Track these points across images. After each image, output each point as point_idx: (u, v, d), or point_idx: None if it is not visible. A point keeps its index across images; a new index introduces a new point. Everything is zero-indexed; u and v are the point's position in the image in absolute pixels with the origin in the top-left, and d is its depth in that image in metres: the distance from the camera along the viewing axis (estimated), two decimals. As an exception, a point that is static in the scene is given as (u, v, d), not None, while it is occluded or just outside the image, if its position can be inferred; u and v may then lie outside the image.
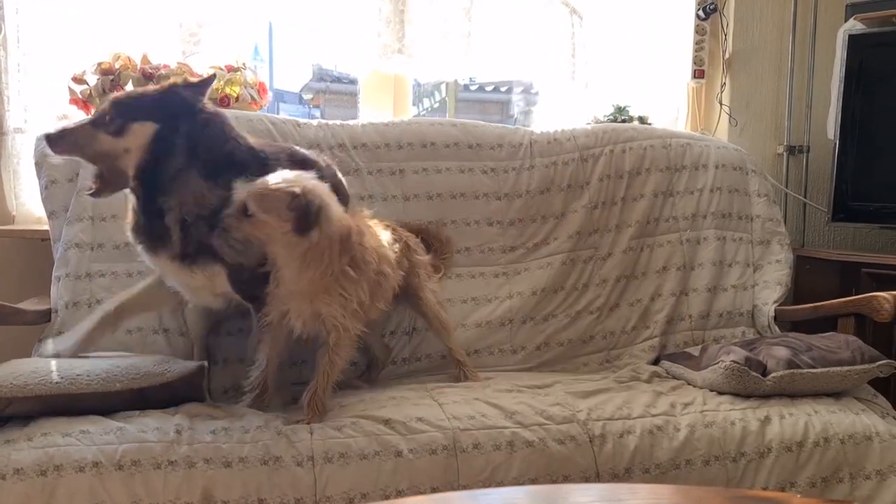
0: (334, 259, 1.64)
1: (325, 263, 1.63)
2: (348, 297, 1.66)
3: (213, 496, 1.46)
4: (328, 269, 1.64)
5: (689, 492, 0.91)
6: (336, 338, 1.69)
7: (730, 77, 2.78)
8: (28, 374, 1.57)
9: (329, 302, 1.65)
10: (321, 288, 1.65)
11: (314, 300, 1.66)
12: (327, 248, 1.63)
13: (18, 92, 2.36)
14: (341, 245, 1.65)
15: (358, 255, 1.69)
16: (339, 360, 1.71)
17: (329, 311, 1.66)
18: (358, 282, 1.68)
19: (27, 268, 2.37)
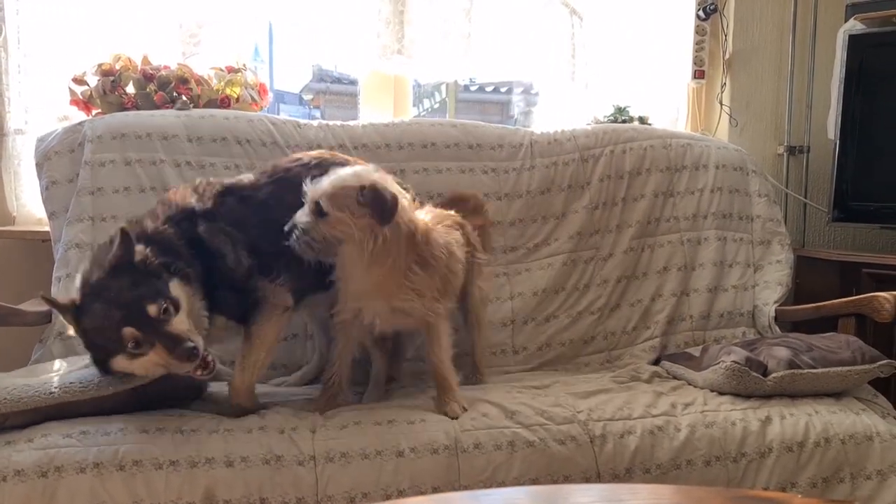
0: (401, 257, 1.64)
1: (391, 259, 1.63)
2: (422, 290, 1.68)
3: (214, 496, 1.46)
4: (395, 265, 1.64)
5: (690, 492, 0.91)
6: (434, 322, 1.71)
7: (730, 77, 2.79)
8: (21, 388, 1.54)
9: (405, 298, 1.67)
10: (393, 285, 1.66)
11: (390, 298, 1.67)
12: (395, 244, 1.63)
13: (19, 93, 2.37)
14: (407, 242, 1.65)
15: (426, 253, 1.69)
16: (446, 344, 1.74)
17: (410, 305, 1.67)
18: (425, 280, 1.68)
19: (28, 268, 2.37)
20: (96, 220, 2.06)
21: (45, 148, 2.13)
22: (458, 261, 1.82)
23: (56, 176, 2.10)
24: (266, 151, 2.24)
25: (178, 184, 2.12)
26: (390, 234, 1.61)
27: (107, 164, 2.10)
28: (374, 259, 1.62)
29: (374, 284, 1.66)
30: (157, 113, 2.22)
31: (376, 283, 1.66)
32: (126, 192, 2.09)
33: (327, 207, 1.58)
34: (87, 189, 2.07)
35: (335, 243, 1.61)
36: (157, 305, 1.47)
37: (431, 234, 1.72)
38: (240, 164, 2.20)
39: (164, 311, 1.47)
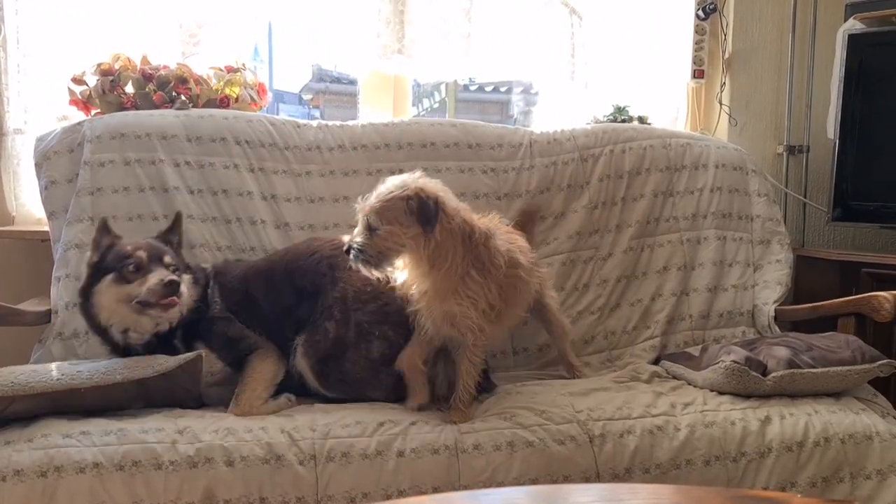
0: (458, 259, 1.66)
1: (448, 262, 1.65)
2: (476, 298, 1.68)
3: (214, 495, 1.47)
4: (452, 268, 1.66)
5: (690, 492, 0.91)
6: (473, 339, 1.71)
7: (729, 77, 2.78)
8: (28, 374, 1.57)
9: (459, 303, 1.67)
10: (449, 288, 1.67)
11: (443, 301, 1.68)
12: (451, 247, 1.65)
13: (18, 93, 2.37)
14: (464, 245, 1.66)
15: (484, 257, 1.69)
16: (477, 361, 1.74)
17: (461, 310, 1.67)
18: (484, 284, 1.69)
19: (27, 269, 2.37)
20: (96, 220, 2.04)
21: (45, 148, 2.13)
22: (523, 269, 1.82)
23: (55, 176, 2.10)
24: (265, 152, 2.24)
25: (177, 183, 2.13)
26: (443, 237, 1.63)
27: (106, 164, 2.10)
28: (431, 263, 1.66)
29: (432, 287, 1.68)
30: (157, 113, 2.22)
31: (434, 286, 1.68)
32: (125, 192, 2.09)
33: (376, 223, 1.63)
34: (86, 189, 2.07)
35: (391, 255, 1.66)
36: (171, 257, 1.80)
37: (491, 241, 1.72)
38: (239, 164, 2.20)
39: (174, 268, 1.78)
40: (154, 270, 1.74)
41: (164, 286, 1.70)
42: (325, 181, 2.26)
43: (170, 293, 1.71)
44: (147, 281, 1.72)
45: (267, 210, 2.20)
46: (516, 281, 1.79)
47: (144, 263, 1.75)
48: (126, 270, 1.74)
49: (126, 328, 1.77)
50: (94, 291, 1.76)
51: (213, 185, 2.17)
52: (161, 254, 1.80)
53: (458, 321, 1.69)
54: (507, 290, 1.75)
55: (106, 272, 1.76)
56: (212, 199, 2.16)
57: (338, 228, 2.23)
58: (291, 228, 2.21)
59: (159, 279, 1.71)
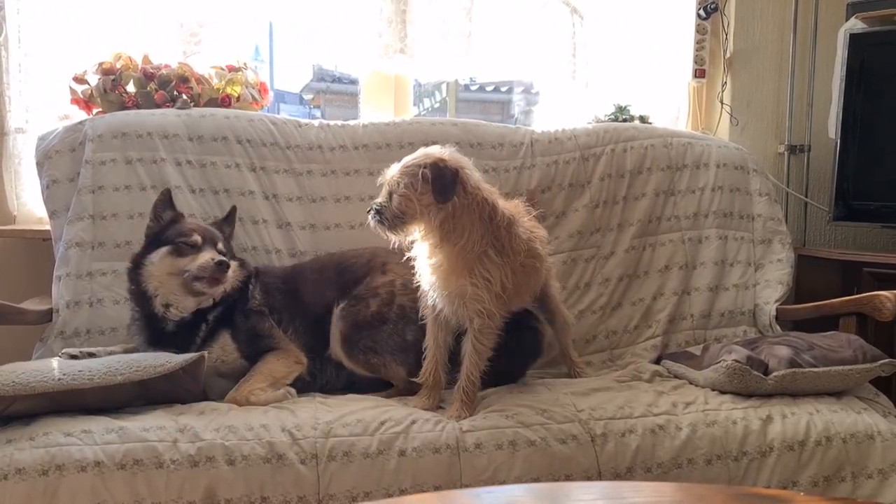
0: (475, 236, 1.65)
1: (465, 238, 1.65)
2: (492, 279, 1.67)
3: (215, 494, 1.46)
4: (469, 244, 1.65)
5: (692, 489, 0.91)
6: (480, 324, 1.70)
7: (731, 76, 2.78)
8: (30, 373, 1.56)
9: (473, 283, 1.66)
10: (464, 265, 1.66)
11: (458, 277, 1.67)
12: (468, 223, 1.65)
13: (20, 92, 2.37)
14: (482, 223, 1.66)
15: (504, 240, 1.69)
16: (483, 349, 1.72)
17: (473, 291, 1.67)
18: (502, 267, 1.68)
19: (28, 267, 2.37)
20: (97, 219, 2.06)
21: (46, 147, 2.13)
22: (539, 259, 1.82)
23: (57, 175, 2.10)
24: (266, 151, 2.24)
25: (179, 182, 2.13)
26: (461, 211, 1.65)
27: (107, 163, 2.10)
28: (444, 235, 1.67)
29: (446, 261, 1.68)
30: (158, 112, 2.22)
31: (448, 260, 1.68)
32: (127, 191, 2.09)
33: (394, 187, 1.67)
34: (87, 188, 2.07)
35: (406, 219, 1.68)
36: (222, 244, 1.93)
37: (514, 226, 1.72)
38: (240, 163, 2.20)
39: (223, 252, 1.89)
40: (206, 250, 1.86)
41: (215, 265, 1.82)
42: (326, 181, 2.26)
43: (219, 272, 1.82)
44: (199, 258, 1.83)
45: (269, 209, 2.20)
46: (530, 269, 1.79)
47: (199, 244, 1.87)
48: (183, 246, 1.85)
49: (168, 303, 1.84)
50: (146, 261, 1.87)
51: (214, 184, 2.17)
52: (215, 239, 1.92)
53: (468, 302, 1.68)
54: (519, 277, 1.75)
55: (162, 244, 1.87)
56: (213, 199, 2.16)
57: (339, 229, 2.24)
58: (293, 228, 2.21)
59: (210, 257, 1.83)
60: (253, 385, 1.77)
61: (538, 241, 1.84)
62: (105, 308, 2.00)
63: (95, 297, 2.00)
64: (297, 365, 1.87)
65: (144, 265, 1.86)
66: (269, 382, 1.79)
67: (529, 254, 1.77)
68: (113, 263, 2.02)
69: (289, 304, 1.96)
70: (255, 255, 2.15)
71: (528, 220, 1.84)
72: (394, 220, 1.68)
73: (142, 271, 1.86)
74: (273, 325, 1.92)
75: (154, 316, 1.85)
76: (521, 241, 1.73)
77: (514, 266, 1.72)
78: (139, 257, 1.88)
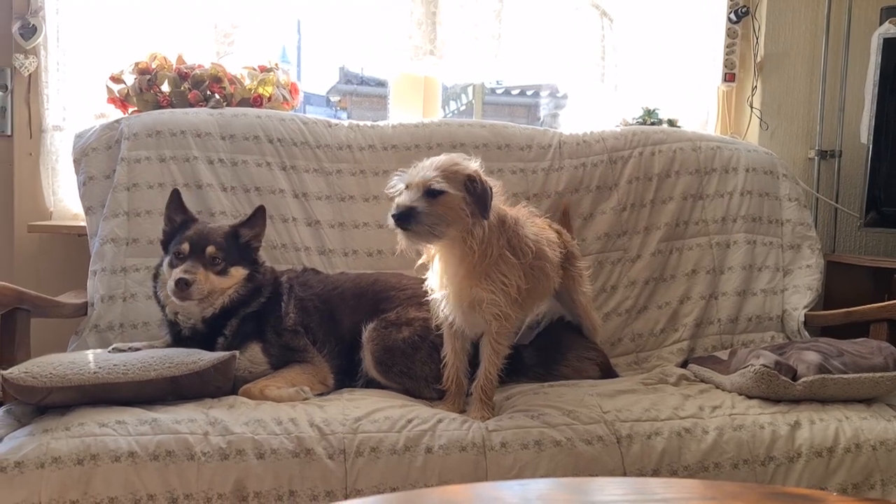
0: (493, 241, 1.65)
1: (485, 245, 1.64)
2: (508, 282, 1.67)
3: (245, 487, 1.49)
4: (487, 251, 1.65)
5: (724, 486, 0.91)
6: (498, 326, 1.71)
7: (761, 80, 2.77)
8: (66, 365, 1.60)
9: (491, 289, 1.67)
10: (481, 272, 1.67)
11: (474, 285, 1.67)
12: (490, 232, 1.65)
13: (58, 91, 2.42)
14: (497, 229, 1.67)
15: (514, 242, 1.70)
16: (501, 349, 1.74)
17: (490, 297, 1.67)
18: (516, 267, 1.68)
19: (65, 262, 2.42)
20: (131, 216, 2.10)
21: (83, 144, 2.17)
22: (548, 261, 1.81)
23: (93, 172, 2.15)
24: (297, 150, 2.27)
25: (211, 181, 2.16)
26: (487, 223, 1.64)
27: (142, 161, 2.14)
28: (468, 245, 1.64)
29: (466, 270, 1.67)
30: (192, 111, 2.26)
31: (468, 269, 1.67)
32: (160, 188, 2.13)
33: (443, 186, 1.59)
34: (123, 185, 2.11)
35: (446, 224, 1.61)
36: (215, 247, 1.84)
37: (520, 228, 1.73)
38: (271, 161, 2.23)
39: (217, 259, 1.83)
40: (188, 262, 1.81)
41: (174, 283, 1.77)
42: (355, 180, 2.28)
43: (178, 291, 1.77)
44: (172, 273, 1.81)
45: (298, 208, 2.23)
46: (539, 271, 1.79)
47: (186, 254, 1.83)
48: (174, 257, 1.84)
49: (176, 311, 1.85)
50: (161, 269, 1.88)
51: (245, 182, 2.20)
52: (205, 244, 1.84)
53: (484, 308, 1.68)
54: (530, 280, 1.75)
55: (168, 252, 1.87)
56: (244, 197, 2.19)
57: (367, 227, 2.26)
58: (322, 226, 2.24)
59: (174, 276, 1.78)
60: (269, 382, 1.78)
61: (547, 245, 1.83)
62: (138, 303, 2.04)
63: (129, 292, 2.04)
64: (321, 385, 1.85)
65: (160, 273, 1.88)
66: (287, 384, 1.79)
67: (538, 256, 1.77)
68: (146, 260, 2.05)
69: (325, 325, 1.95)
70: (285, 252, 2.18)
71: (533, 223, 1.84)
72: (433, 226, 1.60)
73: (158, 280, 1.88)
74: (308, 343, 1.90)
75: (171, 321, 1.88)
76: (530, 243, 1.73)
77: (525, 268, 1.72)
78: (160, 261, 1.90)
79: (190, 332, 1.86)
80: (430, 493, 0.99)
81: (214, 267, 1.83)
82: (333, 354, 1.91)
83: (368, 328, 1.91)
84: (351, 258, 2.24)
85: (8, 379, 1.54)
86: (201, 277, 1.79)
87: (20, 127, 2.44)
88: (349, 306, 1.97)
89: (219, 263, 1.84)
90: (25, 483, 1.42)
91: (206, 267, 1.82)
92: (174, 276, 1.78)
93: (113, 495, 1.45)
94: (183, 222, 1.90)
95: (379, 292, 1.99)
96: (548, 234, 1.88)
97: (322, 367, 1.88)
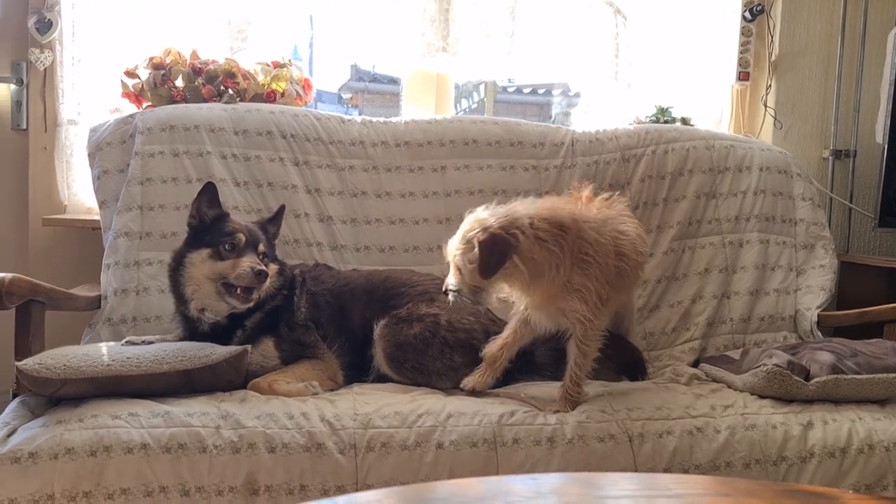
0: (555, 262, 1.65)
1: (548, 272, 1.66)
2: (585, 292, 1.68)
3: (256, 481, 1.49)
4: (554, 275, 1.66)
5: (739, 483, 0.90)
6: (582, 331, 1.71)
7: (775, 79, 2.75)
8: (80, 357, 1.61)
9: (568, 298, 1.68)
10: (555, 293, 1.68)
11: (555, 300, 1.69)
12: (545, 257, 1.65)
13: (72, 85, 2.43)
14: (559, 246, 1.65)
15: (583, 248, 1.68)
16: (589, 350, 1.74)
17: (571, 305, 1.68)
18: (591, 276, 1.68)
19: (78, 255, 2.43)
20: (145, 210, 2.11)
21: (98, 139, 2.19)
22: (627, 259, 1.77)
23: (107, 166, 2.16)
24: (310, 146, 2.27)
25: (224, 175, 2.17)
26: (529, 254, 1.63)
27: (156, 155, 2.15)
28: (533, 280, 1.67)
29: (539, 295, 1.70)
30: (205, 106, 2.27)
31: (540, 294, 1.70)
32: (174, 183, 2.14)
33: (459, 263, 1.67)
34: (136, 179, 2.12)
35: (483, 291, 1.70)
36: (264, 245, 1.88)
37: (586, 232, 1.70)
38: (284, 157, 2.24)
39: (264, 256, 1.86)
40: (247, 255, 1.81)
41: (254, 274, 1.77)
42: (368, 176, 2.29)
43: (258, 282, 1.78)
44: (240, 265, 1.79)
45: (311, 203, 2.24)
46: (623, 273, 1.76)
47: (241, 247, 1.83)
48: (223, 248, 1.82)
49: (203, 307, 1.84)
50: (186, 260, 1.84)
51: (258, 177, 2.21)
52: (257, 241, 1.88)
53: (568, 314, 1.70)
54: (613, 281, 1.73)
55: (204, 245, 1.83)
56: (257, 192, 2.20)
57: (379, 223, 2.26)
58: (335, 222, 2.24)
59: (251, 266, 1.78)
60: (278, 376, 1.78)
61: (627, 241, 1.79)
62: (150, 297, 2.05)
63: (142, 286, 2.05)
64: (330, 381, 1.85)
65: (185, 265, 1.83)
66: (295, 380, 1.78)
67: (618, 256, 1.74)
68: (159, 253, 2.06)
69: (336, 320, 1.95)
70: (297, 247, 2.18)
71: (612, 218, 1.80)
72: (471, 295, 1.69)
73: (182, 272, 1.83)
74: (318, 339, 1.91)
75: (190, 317, 1.87)
76: (602, 245, 1.70)
77: (606, 268, 1.70)
78: (180, 255, 1.85)
79: (210, 328, 1.85)
80: (441, 486, 0.99)
81: (263, 262, 1.85)
82: (343, 350, 1.92)
83: (380, 325, 1.91)
84: (363, 254, 2.24)
85: (22, 370, 1.55)
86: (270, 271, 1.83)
87: (35, 121, 2.46)
88: (360, 302, 1.98)
89: (265, 259, 1.86)
90: (39, 473, 1.43)
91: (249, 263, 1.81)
92: (246, 267, 1.77)
93: (125, 487, 1.46)
94: (217, 217, 1.89)
95: (390, 289, 1.99)
96: (627, 230, 1.83)
97: (332, 363, 1.89)
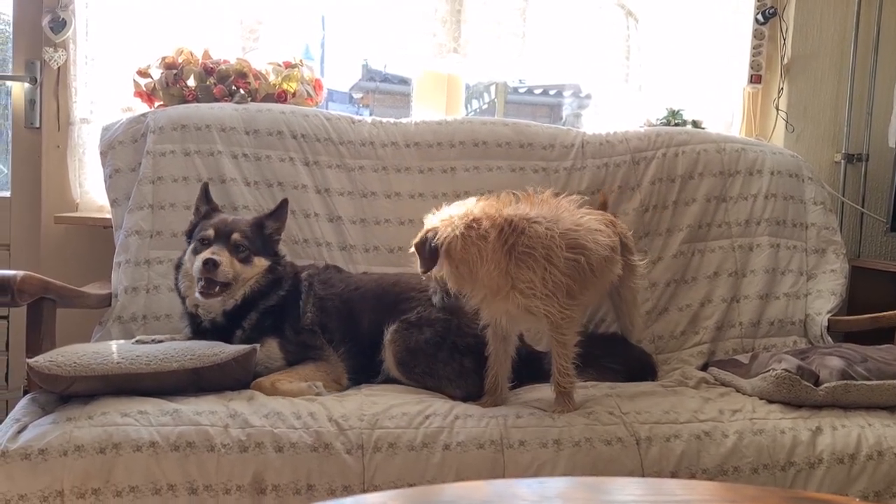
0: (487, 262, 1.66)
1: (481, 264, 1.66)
2: (530, 288, 1.67)
3: (263, 480, 1.50)
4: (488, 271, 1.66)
5: (745, 490, 0.90)
6: (549, 323, 1.71)
7: (788, 82, 2.73)
8: (90, 355, 1.62)
9: (515, 293, 1.68)
10: (501, 287, 1.68)
11: (499, 297, 1.70)
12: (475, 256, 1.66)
13: (85, 84, 2.45)
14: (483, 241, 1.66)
15: (528, 242, 1.67)
16: (565, 339, 1.73)
17: (524, 302, 1.68)
18: (534, 268, 1.67)
19: (90, 253, 2.45)
20: (156, 208, 2.12)
21: (110, 137, 2.20)
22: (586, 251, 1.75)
23: (119, 164, 2.17)
24: (320, 146, 2.28)
25: (234, 175, 2.18)
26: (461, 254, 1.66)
27: (167, 154, 2.16)
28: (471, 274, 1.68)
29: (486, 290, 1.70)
30: (217, 106, 2.28)
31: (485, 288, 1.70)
32: (185, 182, 2.15)
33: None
34: (148, 178, 2.13)
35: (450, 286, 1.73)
36: (240, 235, 1.86)
37: (531, 227, 1.69)
38: (294, 157, 2.25)
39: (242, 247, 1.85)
40: (214, 247, 1.82)
41: (202, 263, 1.79)
42: (377, 176, 2.29)
43: (206, 271, 1.78)
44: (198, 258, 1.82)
45: (320, 203, 2.24)
46: (580, 264, 1.73)
47: (211, 239, 1.85)
48: (198, 244, 1.86)
49: (196, 304, 1.86)
50: (184, 259, 1.89)
51: (268, 177, 2.22)
52: (230, 231, 1.87)
53: (523, 311, 1.69)
54: (569, 270, 1.71)
55: (191, 242, 1.89)
56: (267, 192, 2.21)
57: (389, 224, 2.27)
58: (344, 222, 2.24)
59: (203, 257, 1.79)
60: (282, 376, 1.79)
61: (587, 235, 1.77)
62: (160, 295, 2.06)
63: (152, 284, 2.06)
64: (334, 384, 1.85)
65: (183, 263, 1.90)
66: (299, 380, 1.79)
67: (573, 248, 1.72)
68: (169, 252, 2.07)
69: (343, 325, 1.95)
70: (306, 247, 2.19)
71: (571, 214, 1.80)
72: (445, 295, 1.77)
73: (181, 270, 1.90)
74: (324, 342, 1.91)
75: (191, 314, 1.90)
76: (547, 240, 1.69)
77: (556, 262, 1.68)
78: (182, 254, 1.91)
79: (210, 325, 1.87)
80: (447, 489, 1.00)
81: (239, 254, 1.86)
82: (350, 354, 1.92)
83: (390, 330, 1.91)
84: (372, 254, 2.25)
85: (33, 367, 1.57)
86: (226, 260, 1.82)
87: (49, 119, 2.48)
88: (370, 306, 1.98)
89: (243, 251, 1.86)
90: (48, 470, 1.45)
91: (231, 253, 1.84)
92: (202, 257, 1.79)
93: (134, 484, 1.47)
94: (206, 213, 1.93)
95: (400, 293, 1.99)
96: (591, 225, 1.81)
97: (337, 366, 1.89)
